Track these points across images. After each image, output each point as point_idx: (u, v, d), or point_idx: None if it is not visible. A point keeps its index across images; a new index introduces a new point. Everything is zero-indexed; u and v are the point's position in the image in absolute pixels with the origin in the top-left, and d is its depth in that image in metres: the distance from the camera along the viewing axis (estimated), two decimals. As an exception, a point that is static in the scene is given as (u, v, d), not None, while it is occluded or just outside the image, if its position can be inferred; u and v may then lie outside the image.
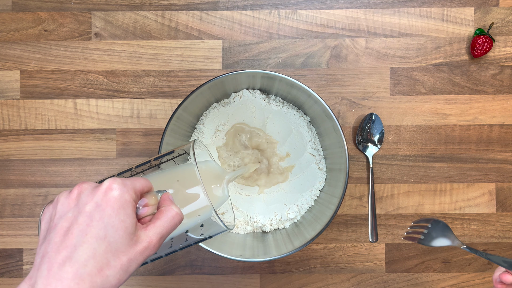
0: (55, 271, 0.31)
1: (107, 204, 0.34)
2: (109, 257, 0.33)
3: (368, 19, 0.68)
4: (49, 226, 0.34)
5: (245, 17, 0.68)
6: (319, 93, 0.67)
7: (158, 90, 0.68)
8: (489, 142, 0.68)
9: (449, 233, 0.56)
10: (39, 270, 0.32)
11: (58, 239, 0.33)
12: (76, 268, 0.32)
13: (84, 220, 0.33)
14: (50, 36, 0.68)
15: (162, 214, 0.36)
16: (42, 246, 0.34)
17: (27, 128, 0.68)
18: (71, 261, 0.32)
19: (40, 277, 0.31)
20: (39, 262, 0.33)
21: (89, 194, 0.35)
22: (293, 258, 0.67)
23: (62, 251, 0.32)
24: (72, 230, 0.33)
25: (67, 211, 0.34)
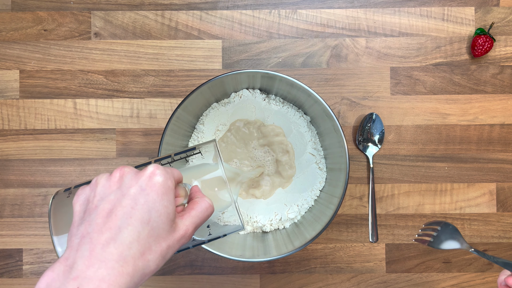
0: (98, 251, 0.31)
1: (151, 189, 0.34)
2: (151, 242, 0.33)
3: (368, 18, 0.68)
4: (88, 208, 0.34)
5: (245, 17, 0.68)
6: (319, 92, 0.67)
7: (158, 89, 0.67)
8: (489, 142, 0.68)
9: (458, 236, 0.57)
10: (78, 250, 0.31)
11: (101, 221, 0.32)
12: (120, 250, 0.31)
13: (128, 203, 0.33)
14: (50, 36, 0.68)
15: (196, 205, 0.37)
16: (80, 227, 0.33)
17: (26, 128, 0.67)
18: (115, 242, 0.31)
19: (81, 258, 0.31)
20: (77, 243, 0.32)
21: (132, 177, 0.35)
22: (293, 258, 0.67)
23: (105, 232, 0.32)
24: (116, 212, 0.32)
25: (109, 194, 0.34)
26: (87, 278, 0.30)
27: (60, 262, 0.32)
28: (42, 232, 0.67)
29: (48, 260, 0.67)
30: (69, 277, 0.30)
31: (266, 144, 0.65)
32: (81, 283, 0.30)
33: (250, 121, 0.65)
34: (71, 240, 0.33)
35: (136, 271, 0.32)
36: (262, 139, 0.65)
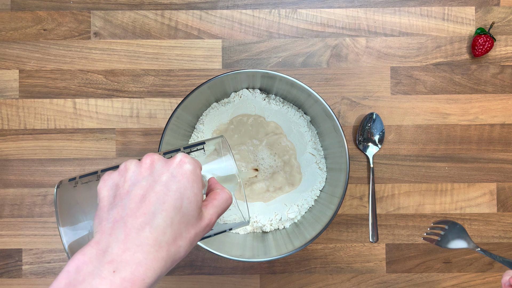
0: (133, 236, 0.31)
1: (182, 176, 0.34)
2: (182, 228, 0.33)
3: (368, 18, 0.68)
4: (118, 193, 0.34)
5: (245, 16, 0.68)
6: (319, 92, 0.67)
7: (158, 89, 0.67)
8: (490, 142, 0.68)
9: (465, 236, 0.58)
10: (112, 234, 0.31)
11: (134, 205, 0.32)
12: (156, 235, 0.32)
13: (161, 189, 0.33)
14: (49, 36, 0.67)
15: (218, 195, 0.37)
16: (111, 211, 0.33)
17: (26, 128, 0.67)
18: (151, 227, 0.32)
19: (116, 241, 0.31)
20: (110, 227, 0.32)
21: (163, 165, 0.35)
22: (293, 258, 0.67)
23: (140, 217, 0.32)
24: (150, 198, 0.33)
25: (140, 179, 0.34)
26: (123, 262, 0.30)
27: (91, 245, 0.32)
28: (41, 232, 0.67)
29: (48, 260, 0.67)
30: (104, 260, 0.31)
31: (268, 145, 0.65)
32: (117, 267, 0.30)
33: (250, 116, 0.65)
34: (101, 225, 0.33)
35: (169, 256, 0.32)
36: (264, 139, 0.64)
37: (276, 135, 0.64)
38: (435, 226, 0.60)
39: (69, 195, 0.39)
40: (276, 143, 0.65)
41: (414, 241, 0.67)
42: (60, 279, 0.31)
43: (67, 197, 0.39)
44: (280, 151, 0.65)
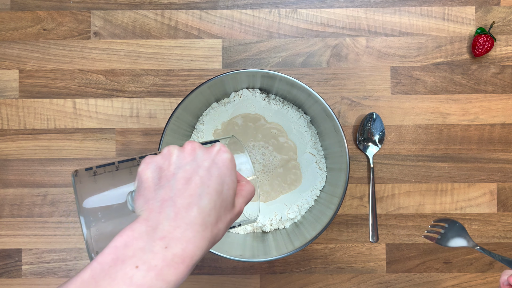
0: (183, 215, 0.33)
1: (222, 164, 0.36)
2: (221, 212, 0.35)
3: (368, 18, 0.68)
4: (163, 175, 0.35)
5: (245, 16, 0.68)
6: (319, 92, 0.67)
7: (158, 89, 0.67)
8: (490, 141, 0.67)
9: (464, 234, 0.58)
10: (161, 213, 0.33)
11: (181, 187, 0.34)
12: (203, 215, 0.33)
13: (205, 174, 0.35)
14: (49, 35, 0.67)
15: (245, 187, 0.39)
16: (158, 191, 0.34)
17: (26, 128, 0.67)
18: (198, 208, 0.33)
19: (166, 219, 0.33)
20: (158, 206, 0.33)
21: (204, 152, 0.37)
22: (293, 258, 0.67)
23: (188, 198, 0.34)
24: (195, 181, 0.34)
25: (184, 164, 0.36)
26: (174, 239, 0.32)
27: (139, 222, 0.33)
28: (41, 232, 0.67)
29: (48, 260, 0.67)
30: (155, 236, 0.32)
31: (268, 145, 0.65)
32: (168, 243, 0.32)
33: (251, 116, 0.64)
34: (148, 204, 0.34)
35: (212, 237, 0.34)
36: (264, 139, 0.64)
37: (276, 134, 0.64)
38: (435, 224, 0.60)
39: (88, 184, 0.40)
40: (276, 142, 0.64)
41: (414, 241, 0.67)
42: (106, 254, 0.32)
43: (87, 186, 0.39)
44: (280, 150, 0.65)
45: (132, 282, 0.30)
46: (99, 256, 0.32)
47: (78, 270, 0.65)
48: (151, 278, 0.31)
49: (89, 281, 0.31)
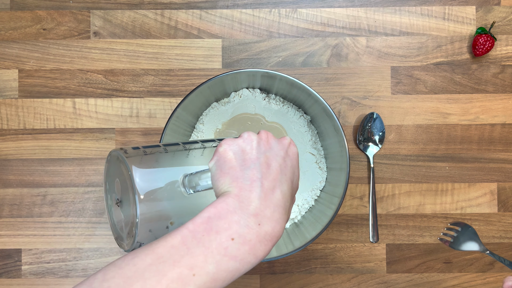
0: (270, 196, 0.35)
1: (293, 156, 0.40)
2: (292, 200, 0.38)
3: (369, 17, 0.68)
4: (247, 157, 0.37)
5: (245, 16, 0.67)
6: (319, 92, 0.67)
7: (158, 89, 0.67)
8: (490, 141, 0.67)
9: (476, 238, 0.60)
10: (252, 192, 0.35)
11: (266, 171, 0.36)
12: (284, 200, 0.36)
13: (281, 163, 0.38)
14: (49, 35, 0.67)
15: None
16: (246, 171, 0.36)
17: (25, 128, 0.67)
18: (281, 192, 0.36)
19: (258, 198, 0.35)
20: (249, 185, 0.35)
21: (278, 143, 0.40)
22: (293, 259, 0.67)
23: (272, 182, 0.36)
24: (275, 167, 0.37)
25: (264, 151, 0.38)
26: (266, 217, 0.34)
27: (231, 197, 0.35)
28: (41, 232, 0.67)
29: (47, 260, 0.66)
30: (248, 213, 0.34)
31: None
32: (261, 221, 0.34)
33: (251, 116, 0.64)
34: (237, 181, 0.36)
35: (287, 221, 0.37)
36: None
37: (276, 134, 0.64)
38: (450, 227, 0.62)
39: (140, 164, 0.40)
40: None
41: (414, 241, 0.67)
42: (198, 223, 0.33)
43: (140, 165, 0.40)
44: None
45: (226, 253, 0.32)
46: (189, 224, 0.33)
47: (78, 270, 0.65)
48: (245, 251, 0.33)
49: (180, 247, 0.32)
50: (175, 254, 0.31)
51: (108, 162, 0.42)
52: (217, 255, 0.32)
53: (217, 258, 0.32)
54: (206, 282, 0.31)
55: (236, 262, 0.32)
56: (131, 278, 0.30)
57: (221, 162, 0.37)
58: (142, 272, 0.30)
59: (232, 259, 0.32)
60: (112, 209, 0.42)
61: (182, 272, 0.31)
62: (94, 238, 0.67)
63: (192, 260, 0.31)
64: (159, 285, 0.30)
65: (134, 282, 0.30)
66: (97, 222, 0.67)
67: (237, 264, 0.32)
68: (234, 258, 0.32)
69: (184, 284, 0.30)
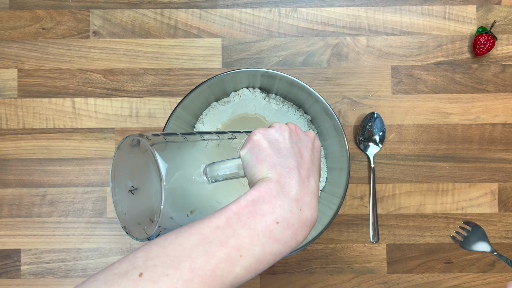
0: (307, 184, 0.36)
1: (317, 149, 0.42)
2: (317, 189, 0.39)
3: (369, 17, 0.67)
4: (282, 146, 0.38)
5: (245, 15, 0.67)
6: (319, 92, 0.67)
7: (157, 89, 0.67)
8: (491, 141, 0.67)
9: (485, 239, 0.62)
10: (291, 178, 0.36)
11: (300, 160, 0.38)
12: (316, 188, 0.37)
13: (311, 154, 0.40)
14: (48, 35, 0.67)
15: None
16: (283, 159, 0.37)
17: (25, 128, 0.67)
18: (315, 181, 0.38)
19: (297, 185, 0.36)
20: (287, 172, 0.36)
21: (304, 136, 0.42)
22: (293, 259, 0.67)
23: (306, 170, 0.37)
24: (306, 158, 0.39)
25: (295, 141, 0.39)
26: (306, 204, 0.35)
27: (273, 182, 0.35)
28: (40, 232, 0.66)
29: (47, 261, 0.66)
30: (290, 198, 0.35)
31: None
32: (302, 207, 0.35)
33: (251, 116, 0.64)
34: (275, 168, 0.37)
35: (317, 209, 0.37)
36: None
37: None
38: (462, 226, 0.63)
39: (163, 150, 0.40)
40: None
41: (415, 241, 0.67)
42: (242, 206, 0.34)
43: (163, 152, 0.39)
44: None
45: (271, 235, 0.33)
46: (233, 205, 0.34)
47: (77, 271, 0.65)
48: (288, 235, 0.34)
49: (225, 228, 0.32)
50: (221, 235, 0.32)
51: (120, 149, 0.41)
52: (262, 237, 0.32)
53: (262, 240, 0.32)
54: (252, 263, 0.32)
55: (279, 245, 0.33)
56: (178, 257, 0.30)
57: (256, 150, 0.38)
58: (189, 252, 0.31)
59: (277, 242, 0.33)
60: (122, 198, 0.42)
61: (230, 253, 0.31)
62: (94, 238, 0.66)
63: (239, 241, 0.32)
64: (208, 265, 0.30)
65: (182, 261, 0.30)
66: (97, 222, 0.66)
67: (280, 247, 0.33)
68: (278, 241, 0.33)
69: (232, 265, 0.31)
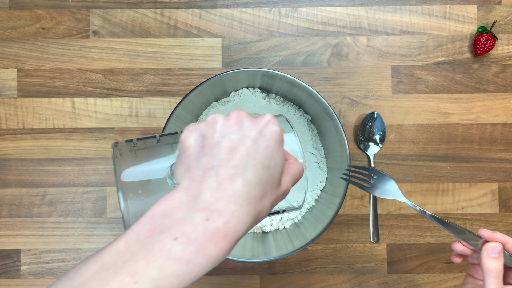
0: (226, 186, 0.30)
1: (270, 136, 0.33)
2: (267, 188, 0.32)
3: (369, 16, 0.67)
4: (207, 143, 0.33)
5: (245, 15, 0.67)
6: (319, 91, 0.67)
7: (157, 88, 0.67)
8: (491, 141, 0.67)
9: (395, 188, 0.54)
10: (203, 182, 0.30)
11: (225, 156, 0.31)
12: (247, 189, 0.31)
13: (251, 145, 0.32)
14: (48, 34, 0.67)
15: (293, 165, 0.36)
16: (201, 159, 0.32)
17: (24, 127, 0.67)
18: (243, 180, 0.31)
19: (209, 189, 0.30)
20: (201, 175, 0.31)
21: (251, 121, 0.34)
22: (293, 259, 0.67)
23: (232, 169, 0.31)
24: (240, 151, 0.32)
25: (230, 132, 0.33)
26: (217, 211, 0.29)
27: (179, 191, 0.31)
28: (40, 232, 0.66)
29: (46, 261, 0.66)
30: (195, 207, 0.30)
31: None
32: (210, 216, 0.29)
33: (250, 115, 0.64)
34: (189, 172, 0.32)
35: (256, 213, 0.31)
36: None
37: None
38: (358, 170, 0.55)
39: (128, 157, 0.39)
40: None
41: (415, 241, 0.67)
42: (142, 224, 0.30)
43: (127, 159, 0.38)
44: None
45: (170, 255, 0.28)
46: (134, 225, 0.30)
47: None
48: (190, 252, 0.29)
49: (125, 252, 0.29)
50: (119, 260, 0.28)
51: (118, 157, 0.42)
52: (159, 258, 0.28)
53: (159, 261, 0.28)
54: None
55: (181, 265, 0.28)
56: None
57: (181, 151, 0.34)
58: (87, 282, 0.28)
59: (177, 261, 0.28)
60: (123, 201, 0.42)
61: (124, 280, 0.27)
62: (93, 238, 0.66)
63: (134, 266, 0.28)
64: None
65: None
66: (96, 222, 0.66)
67: (183, 267, 0.28)
68: (179, 261, 0.28)
69: None
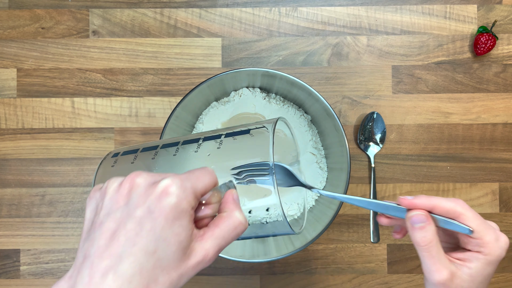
0: (96, 280, 0.28)
1: (160, 213, 0.29)
2: (157, 273, 0.28)
3: (369, 16, 0.67)
4: (94, 220, 0.30)
5: (245, 15, 0.67)
6: (320, 91, 0.67)
7: (157, 88, 0.67)
8: (492, 141, 0.67)
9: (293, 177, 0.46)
10: (79, 273, 0.29)
11: (103, 243, 0.29)
12: (120, 283, 0.27)
13: (132, 227, 0.28)
14: (48, 34, 0.67)
15: (223, 222, 0.31)
16: (85, 243, 0.30)
17: (24, 127, 0.67)
18: (115, 273, 0.28)
19: (81, 283, 0.28)
20: (80, 263, 0.29)
21: (141, 194, 0.29)
22: (293, 259, 0.66)
23: (106, 259, 0.28)
24: (119, 237, 0.28)
25: (115, 209, 0.29)
26: None
27: (65, 280, 0.29)
28: (39, 232, 0.66)
29: (46, 261, 0.66)
30: None
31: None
32: None
33: (251, 116, 0.64)
34: (77, 256, 0.30)
35: None
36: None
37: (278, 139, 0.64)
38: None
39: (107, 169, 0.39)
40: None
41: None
42: None
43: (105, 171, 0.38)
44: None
45: None
46: None
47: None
48: None
49: None
50: None
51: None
52: None
53: None
54: None
55: None
56: None
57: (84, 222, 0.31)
58: None
59: None
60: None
61: None
62: (93, 239, 0.66)
63: None
64: None
65: None
66: (96, 222, 0.66)
67: None
68: None
69: None
